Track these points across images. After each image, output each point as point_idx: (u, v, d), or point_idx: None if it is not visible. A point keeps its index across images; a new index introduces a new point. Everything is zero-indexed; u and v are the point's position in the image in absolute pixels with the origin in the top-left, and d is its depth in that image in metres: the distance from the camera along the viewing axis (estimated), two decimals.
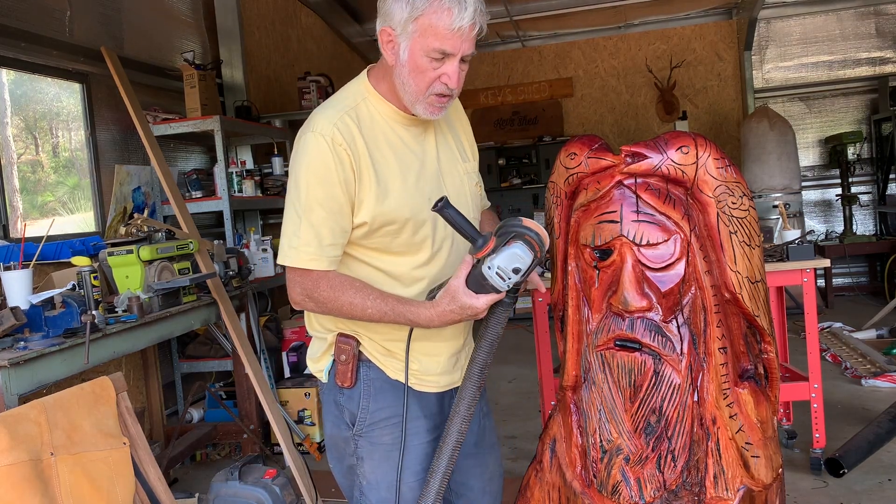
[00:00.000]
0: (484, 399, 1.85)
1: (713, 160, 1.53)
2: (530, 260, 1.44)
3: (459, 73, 1.56)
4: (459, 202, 1.63)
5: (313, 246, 1.55)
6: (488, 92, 8.58)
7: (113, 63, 3.84)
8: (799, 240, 3.47)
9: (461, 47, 1.53)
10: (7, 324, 2.38)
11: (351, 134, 1.56)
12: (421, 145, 1.66)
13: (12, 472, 1.87)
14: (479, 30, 1.54)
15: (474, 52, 1.57)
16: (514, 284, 1.47)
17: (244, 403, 3.75)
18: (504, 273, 1.44)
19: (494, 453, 1.88)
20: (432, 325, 1.55)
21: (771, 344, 1.62)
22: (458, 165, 1.72)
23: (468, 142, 1.81)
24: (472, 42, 1.54)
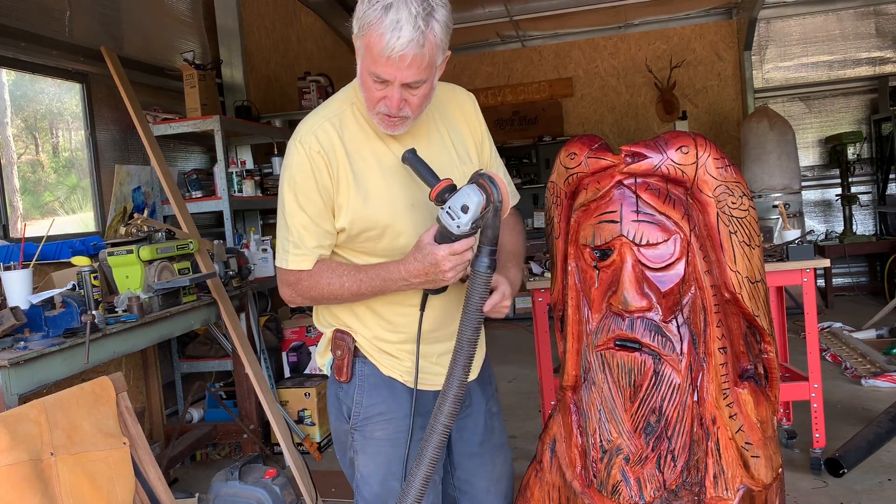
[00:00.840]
0: (494, 399, 1.86)
1: (713, 160, 1.53)
2: (478, 199, 1.43)
3: (400, 99, 1.51)
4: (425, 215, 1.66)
5: (301, 248, 1.62)
6: (488, 92, 8.58)
7: (113, 63, 3.84)
8: (799, 240, 3.47)
9: (396, 75, 1.47)
10: (7, 324, 2.38)
11: (330, 141, 1.60)
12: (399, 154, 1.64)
13: (12, 472, 1.87)
14: (421, 60, 1.46)
15: (424, 79, 1.51)
16: (465, 226, 1.44)
17: (244, 403, 3.75)
18: (454, 213, 1.44)
19: (502, 454, 1.87)
20: (407, 283, 1.56)
21: (771, 344, 1.62)
22: (454, 169, 1.68)
23: (474, 143, 1.77)
24: (416, 71, 1.47)
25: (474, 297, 1.50)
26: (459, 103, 1.77)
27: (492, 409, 1.85)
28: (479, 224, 1.46)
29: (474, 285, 1.50)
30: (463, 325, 1.52)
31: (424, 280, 1.54)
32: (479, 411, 1.82)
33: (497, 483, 1.85)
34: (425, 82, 1.52)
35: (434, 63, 1.51)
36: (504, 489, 1.87)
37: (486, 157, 1.81)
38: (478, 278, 1.50)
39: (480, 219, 1.45)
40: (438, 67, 1.55)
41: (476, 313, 1.51)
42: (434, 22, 1.45)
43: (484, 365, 1.85)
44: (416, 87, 1.52)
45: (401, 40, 1.43)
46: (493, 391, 1.87)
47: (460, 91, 1.80)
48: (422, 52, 1.45)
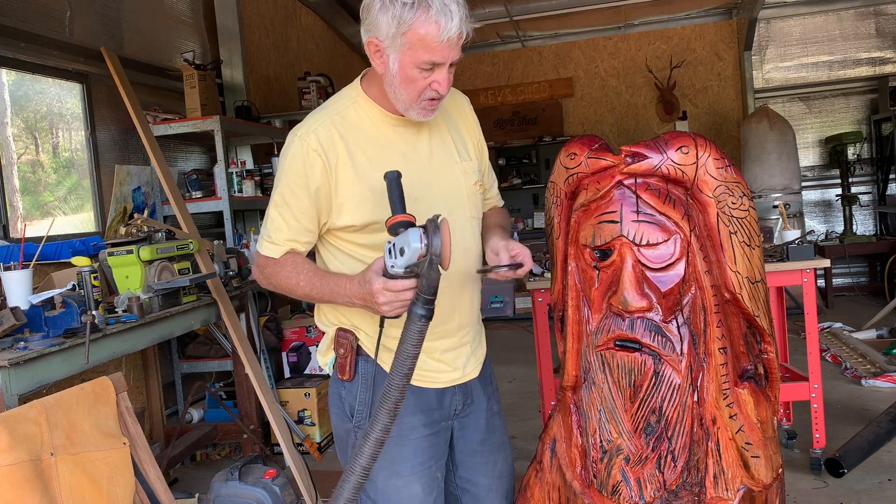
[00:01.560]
0: (495, 398, 1.87)
1: (713, 160, 1.53)
2: (416, 247, 1.37)
3: (448, 78, 1.59)
4: (451, 201, 1.68)
5: (273, 238, 1.68)
6: (488, 92, 8.58)
7: (113, 63, 3.84)
8: (799, 240, 3.47)
9: (449, 56, 1.56)
10: (7, 324, 2.38)
11: (331, 138, 1.62)
12: (412, 146, 1.68)
13: (12, 472, 1.87)
14: (467, 36, 1.56)
15: (462, 56, 1.60)
16: (399, 269, 1.41)
17: (244, 403, 3.74)
18: (394, 251, 1.42)
19: (504, 453, 1.88)
20: (351, 303, 1.56)
21: (771, 344, 1.62)
22: (454, 165, 1.73)
23: (472, 140, 1.81)
24: (460, 49, 1.57)
25: (406, 345, 1.41)
26: (457, 103, 1.81)
27: (493, 407, 1.85)
28: (413, 271, 1.41)
29: (408, 332, 1.42)
30: (393, 371, 1.44)
31: (363, 305, 1.52)
32: (480, 409, 1.82)
33: (498, 481, 1.85)
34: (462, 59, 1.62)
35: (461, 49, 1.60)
36: (505, 487, 1.87)
37: (485, 160, 1.86)
38: (412, 325, 1.41)
39: (416, 266, 1.40)
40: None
41: (407, 360, 1.42)
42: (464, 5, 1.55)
43: (485, 364, 1.85)
44: (454, 66, 1.60)
45: (455, 20, 1.51)
46: (493, 390, 1.88)
47: (456, 92, 1.81)
48: (469, 27, 1.55)
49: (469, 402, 1.79)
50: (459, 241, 1.65)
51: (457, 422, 1.79)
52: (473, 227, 1.75)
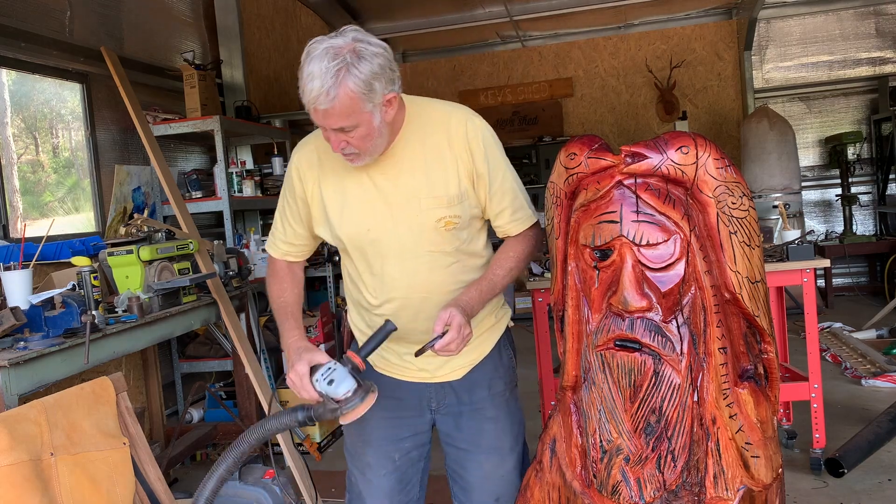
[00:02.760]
0: (491, 404, 1.89)
1: (713, 160, 1.53)
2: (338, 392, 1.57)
3: (339, 141, 1.61)
4: (404, 235, 1.73)
5: (274, 236, 1.90)
6: (488, 92, 8.58)
7: (113, 63, 3.84)
8: (799, 240, 3.47)
9: (322, 122, 1.59)
10: (7, 324, 2.38)
11: (310, 160, 1.79)
12: (372, 179, 1.73)
13: (12, 472, 1.87)
14: (336, 111, 1.55)
15: (352, 125, 1.58)
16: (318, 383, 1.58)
17: (244, 403, 3.74)
18: (330, 371, 1.59)
19: (495, 457, 1.89)
20: (286, 348, 1.74)
21: (771, 344, 1.62)
22: (419, 202, 1.71)
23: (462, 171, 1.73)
24: (336, 119, 1.57)
25: (270, 421, 1.64)
26: (449, 127, 1.73)
27: (486, 413, 1.88)
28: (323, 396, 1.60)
29: (279, 418, 1.63)
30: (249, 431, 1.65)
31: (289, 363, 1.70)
32: (467, 411, 1.88)
33: (486, 481, 1.90)
34: (357, 127, 1.59)
35: (358, 111, 1.57)
36: (493, 489, 1.90)
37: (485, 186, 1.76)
38: (284, 417, 1.63)
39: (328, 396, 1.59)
40: (373, 112, 1.59)
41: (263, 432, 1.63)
42: (349, 76, 1.52)
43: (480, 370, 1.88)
44: (350, 131, 1.59)
45: (312, 93, 1.53)
46: (490, 396, 1.89)
47: (456, 114, 1.76)
48: (333, 105, 1.53)
49: (450, 402, 1.87)
50: (412, 274, 1.75)
51: (438, 417, 1.90)
52: (434, 260, 1.76)
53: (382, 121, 1.62)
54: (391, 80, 1.60)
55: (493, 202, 1.78)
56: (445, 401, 1.88)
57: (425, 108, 1.77)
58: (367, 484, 1.93)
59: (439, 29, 7.82)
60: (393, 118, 1.67)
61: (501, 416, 1.90)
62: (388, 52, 1.61)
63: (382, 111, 1.61)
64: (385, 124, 1.64)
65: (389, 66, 1.59)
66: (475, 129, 1.75)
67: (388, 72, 1.59)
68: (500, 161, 1.78)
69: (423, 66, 8.79)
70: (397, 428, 1.90)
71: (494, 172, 1.76)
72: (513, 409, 1.93)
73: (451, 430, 1.91)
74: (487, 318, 1.88)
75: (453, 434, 1.90)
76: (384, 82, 1.58)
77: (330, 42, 1.55)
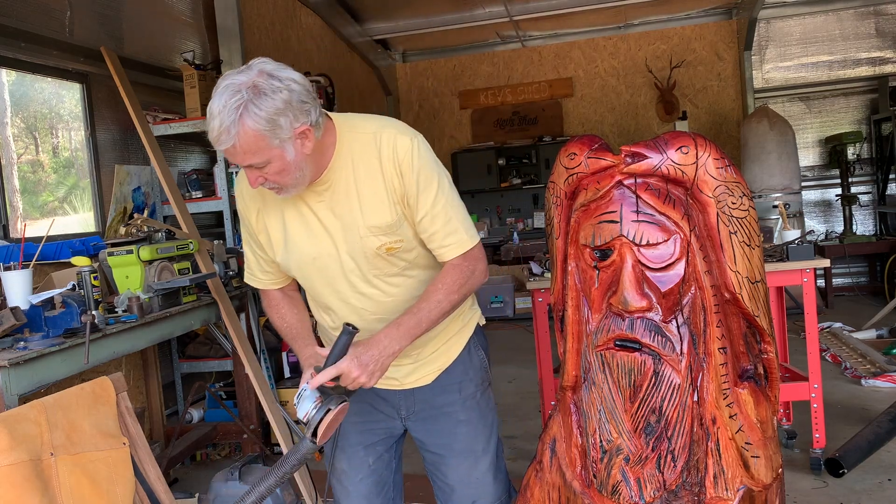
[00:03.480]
0: (462, 407, 1.89)
1: (713, 160, 1.53)
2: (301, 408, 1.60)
3: (256, 177, 1.58)
4: (351, 264, 1.72)
5: (250, 268, 1.88)
6: (488, 92, 8.58)
7: (113, 63, 3.84)
8: (799, 240, 3.47)
9: (233, 158, 1.55)
10: (7, 324, 2.38)
11: (251, 193, 1.77)
12: (310, 208, 1.71)
13: (12, 472, 1.87)
14: (240, 148, 1.51)
15: (261, 162, 1.54)
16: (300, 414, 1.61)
17: (244, 403, 3.75)
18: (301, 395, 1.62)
19: (468, 461, 1.90)
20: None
21: (771, 344, 1.62)
22: (357, 230, 1.68)
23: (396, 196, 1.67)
24: (242, 157, 1.53)
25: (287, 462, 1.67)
26: (379, 148, 1.66)
27: (457, 416, 1.88)
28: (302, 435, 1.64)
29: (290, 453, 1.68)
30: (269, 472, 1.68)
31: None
32: (439, 415, 1.88)
33: (460, 484, 1.91)
34: (269, 163, 1.55)
35: (264, 148, 1.52)
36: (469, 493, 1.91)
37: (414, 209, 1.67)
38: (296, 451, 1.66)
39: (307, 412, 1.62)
40: (282, 147, 1.54)
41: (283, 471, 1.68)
42: (248, 114, 1.48)
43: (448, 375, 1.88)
44: (263, 167, 1.56)
45: (213, 132, 1.51)
46: (461, 399, 1.89)
47: (386, 134, 1.67)
48: (234, 144, 1.51)
49: (420, 408, 1.88)
50: (362, 299, 1.76)
51: (409, 423, 1.91)
52: (383, 283, 1.75)
53: (299, 153, 1.56)
54: (303, 111, 1.53)
55: (422, 225, 1.69)
56: (415, 407, 1.89)
57: (355, 128, 1.69)
58: (344, 492, 1.96)
59: (439, 29, 7.83)
60: (318, 146, 1.60)
61: (473, 418, 1.90)
62: (298, 84, 1.55)
63: (296, 144, 1.55)
64: (304, 156, 1.57)
65: (299, 99, 1.53)
66: (404, 148, 1.65)
67: (298, 104, 1.53)
68: (432, 181, 1.67)
69: (423, 66, 8.79)
70: (369, 433, 1.91)
71: (424, 194, 1.66)
72: (484, 411, 1.92)
73: (424, 436, 1.91)
74: (453, 322, 1.86)
75: (426, 440, 1.91)
76: (292, 116, 1.52)
77: (232, 79, 1.52)
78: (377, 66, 8.24)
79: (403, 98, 8.86)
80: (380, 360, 1.61)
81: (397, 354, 1.65)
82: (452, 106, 8.70)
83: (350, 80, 7.55)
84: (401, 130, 1.68)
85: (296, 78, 1.57)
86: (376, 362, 1.61)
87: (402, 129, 1.69)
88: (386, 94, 8.61)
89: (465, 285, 1.71)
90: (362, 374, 1.59)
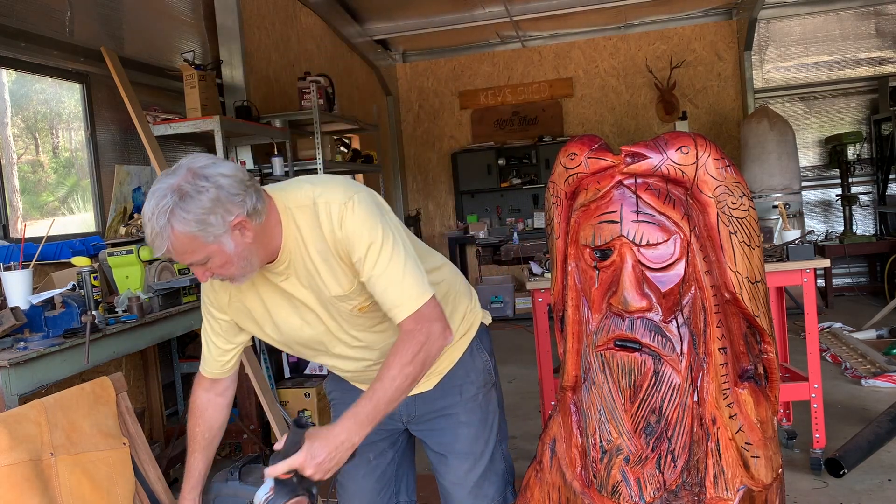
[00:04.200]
0: (464, 409, 1.89)
1: (713, 160, 1.53)
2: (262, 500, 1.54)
3: (204, 271, 1.57)
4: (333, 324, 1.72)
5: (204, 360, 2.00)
6: (488, 92, 8.58)
7: (113, 63, 3.84)
8: (799, 240, 3.47)
9: (175, 259, 1.55)
10: (7, 324, 2.38)
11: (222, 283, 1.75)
12: (279, 286, 1.70)
13: (12, 472, 1.87)
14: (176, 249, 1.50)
15: (201, 259, 1.53)
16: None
17: (244, 403, 3.75)
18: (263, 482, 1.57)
19: (467, 462, 1.90)
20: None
21: (771, 344, 1.62)
22: (326, 297, 1.68)
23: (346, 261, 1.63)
24: (181, 256, 1.52)
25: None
26: (319, 219, 1.61)
27: (459, 417, 1.88)
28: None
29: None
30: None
31: None
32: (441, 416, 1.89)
33: (453, 486, 1.92)
34: (210, 258, 1.53)
35: (200, 246, 1.50)
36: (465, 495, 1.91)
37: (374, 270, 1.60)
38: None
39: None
40: (219, 242, 1.51)
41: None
42: (175, 219, 1.46)
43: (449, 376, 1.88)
44: (206, 262, 1.55)
45: (148, 238, 1.51)
46: (463, 401, 1.89)
47: (322, 201, 1.61)
48: (168, 247, 1.49)
49: (422, 412, 1.89)
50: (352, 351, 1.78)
51: (411, 426, 1.94)
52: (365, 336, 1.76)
53: (240, 244, 1.53)
54: (235, 204, 1.49)
55: (368, 287, 1.62)
56: (416, 412, 1.90)
57: (295, 201, 1.62)
58: (343, 487, 1.99)
59: (439, 29, 7.82)
60: (262, 230, 1.56)
61: (475, 420, 1.90)
62: (227, 178, 1.49)
63: (235, 236, 1.51)
64: (246, 245, 1.54)
65: (230, 192, 1.48)
66: (338, 215, 1.58)
67: (228, 198, 1.48)
68: (371, 241, 1.58)
69: (423, 66, 8.79)
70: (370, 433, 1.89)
71: (365, 257, 1.59)
72: (487, 412, 1.92)
73: (426, 437, 1.94)
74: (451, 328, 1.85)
75: (428, 440, 1.93)
76: (223, 212, 1.47)
77: (159, 183, 1.49)
78: (377, 66, 8.24)
79: (403, 98, 8.86)
80: (335, 457, 1.53)
81: (356, 446, 1.58)
82: (452, 106, 8.70)
83: (350, 80, 7.55)
84: (334, 195, 1.60)
85: (225, 171, 1.50)
86: (331, 459, 1.53)
87: (336, 192, 1.61)
88: (386, 94, 8.61)
89: (421, 353, 1.59)
90: (316, 472, 1.52)
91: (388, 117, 8.63)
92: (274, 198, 1.62)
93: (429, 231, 8.91)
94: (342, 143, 6.59)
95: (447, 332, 1.63)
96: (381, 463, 1.97)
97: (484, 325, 1.97)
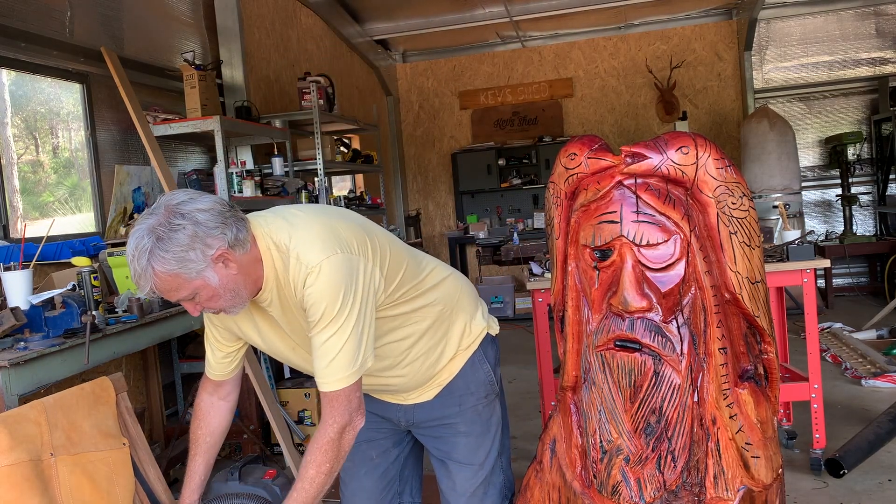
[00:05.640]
0: (463, 419, 1.89)
1: (713, 160, 1.54)
2: None
3: (193, 305, 1.63)
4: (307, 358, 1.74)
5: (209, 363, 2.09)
6: (488, 92, 8.58)
7: (113, 63, 3.84)
8: (799, 240, 3.47)
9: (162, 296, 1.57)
10: (7, 324, 2.38)
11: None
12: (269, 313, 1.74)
13: (12, 473, 1.87)
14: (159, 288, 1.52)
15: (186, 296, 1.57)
16: None
17: (244, 403, 3.74)
18: None
19: (465, 471, 1.90)
20: None
21: (771, 344, 1.62)
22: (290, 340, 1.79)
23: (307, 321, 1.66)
24: (166, 294, 1.54)
25: None
26: (291, 272, 1.61)
27: (458, 427, 1.89)
28: None
29: None
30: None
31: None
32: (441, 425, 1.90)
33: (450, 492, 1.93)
34: (197, 293, 1.57)
35: (183, 283, 1.53)
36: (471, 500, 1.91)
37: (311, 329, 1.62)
38: None
39: None
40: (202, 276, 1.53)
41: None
42: (155, 259, 1.47)
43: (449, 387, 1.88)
44: (193, 298, 1.59)
45: (133, 278, 1.53)
46: (461, 411, 1.89)
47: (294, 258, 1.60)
48: (152, 286, 1.52)
49: (422, 419, 1.91)
50: None
51: (414, 430, 1.96)
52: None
53: (224, 276, 1.55)
54: (216, 237, 1.50)
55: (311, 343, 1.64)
56: (416, 420, 1.92)
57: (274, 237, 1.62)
58: (346, 486, 2.02)
59: (439, 29, 7.82)
60: (247, 260, 1.58)
61: (475, 431, 1.90)
62: (205, 213, 1.50)
63: (218, 269, 1.53)
64: (231, 277, 1.56)
65: (208, 227, 1.49)
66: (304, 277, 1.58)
67: (206, 232, 1.49)
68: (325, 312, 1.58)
69: (423, 66, 8.79)
70: (372, 430, 1.94)
71: (318, 323, 1.60)
72: (488, 423, 1.91)
73: (427, 442, 1.96)
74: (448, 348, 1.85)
75: (429, 446, 1.96)
76: (202, 246, 1.49)
77: (139, 225, 1.50)
78: (377, 66, 8.24)
79: (403, 98, 8.86)
80: None
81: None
82: (452, 106, 8.70)
83: (350, 80, 7.55)
84: (307, 254, 1.58)
85: (202, 206, 1.51)
86: None
87: (310, 252, 1.58)
88: (386, 94, 8.61)
89: (336, 444, 1.67)
90: None
91: (388, 117, 8.63)
92: (256, 232, 1.62)
93: (429, 231, 8.91)
94: (342, 143, 6.59)
95: (356, 421, 1.68)
96: (384, 462, 1.97)
97: (490, 336, 1.94)
